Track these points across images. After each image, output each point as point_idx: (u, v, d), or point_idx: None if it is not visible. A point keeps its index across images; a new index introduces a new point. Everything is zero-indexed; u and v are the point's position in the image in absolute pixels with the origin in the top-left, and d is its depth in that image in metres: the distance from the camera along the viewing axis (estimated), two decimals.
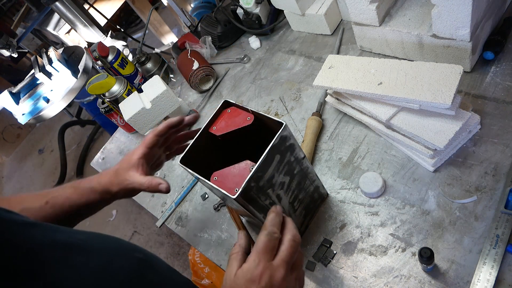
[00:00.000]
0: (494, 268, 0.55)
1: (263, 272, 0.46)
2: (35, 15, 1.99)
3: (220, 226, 0.85)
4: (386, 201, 0.71)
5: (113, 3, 2.70)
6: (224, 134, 0.61)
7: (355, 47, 0.97)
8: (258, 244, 0.48)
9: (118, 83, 1.10)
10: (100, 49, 1.19)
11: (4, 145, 3.84)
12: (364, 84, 0.72)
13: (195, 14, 1.52)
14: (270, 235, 0.48)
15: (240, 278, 0.46)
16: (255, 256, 0.47)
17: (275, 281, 0.46)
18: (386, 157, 0.76)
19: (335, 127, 0.87)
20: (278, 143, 0.55)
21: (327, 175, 0.80)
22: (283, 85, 1.04)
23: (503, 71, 0.74)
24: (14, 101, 1.48)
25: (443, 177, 0.68)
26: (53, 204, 0.63)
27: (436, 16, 0.69)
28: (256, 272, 0.46)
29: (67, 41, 2.35)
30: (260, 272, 0.46)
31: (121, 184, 0.65)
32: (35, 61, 1.43)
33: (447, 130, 0.64)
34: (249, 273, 0.46)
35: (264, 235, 0.48)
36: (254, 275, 0.46)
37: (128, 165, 0.66)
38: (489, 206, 0.62)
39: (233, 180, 0.54)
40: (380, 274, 0.64)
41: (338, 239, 0.71)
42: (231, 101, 0.63)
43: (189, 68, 1.14)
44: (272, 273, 0.46)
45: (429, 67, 0.67)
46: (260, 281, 0.45)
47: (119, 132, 1.31)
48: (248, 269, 0.46)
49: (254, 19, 1.14)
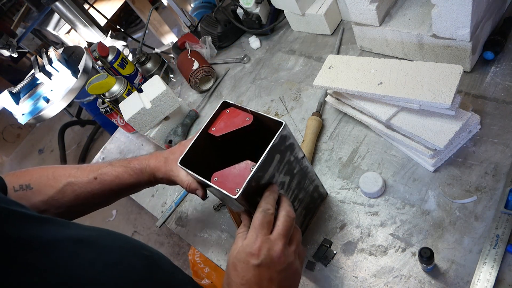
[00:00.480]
0: (494, 268, 0.55)
1: (261, 246, 0.48)
2: (35, 15, 1.99)
3: (220, 226, 0.85)
4: (386, 201, 0.71)
5: (113, 3, 2.70)
6: (224, 134, 0.61)
7: (355, 47, 0.97)
8: (254, 221, 0.50)
9: (118, 83, 1.10)
10: (100, 49, 1.19)
11: (4, 145, 3.84)
12: (364, 84, 0.72)
13: (195, 14, 1.52)
14: (264, 211, 0.51)
15: (241, 252, 0.49)
16: (252, 232, 0.49)
17: (273, 253, 0.48)
18: (386, 157, 0.76)
19: (335, 127, 0.87)
20: (278, 142, 0.55)
21: (327, 175, 0.80)
22: (283, 85, 1.04)
23: (503, 71, 0.74)
24: (14, 101, 1.48)
25: (443, 177, 0.68)
26: (102, 180, 0.66)
27: (436, 16, 0.69)
28: (255, 246, 0.48)
29: (67, 41, 2.34)
30: (259, 245, 0.48)
31: (167, 173, 0.67)
32: (35, 61, 1.43)
33: (447, 130, 0.64)
34: (248, 247, 0.48)
35: (259, 212, 0.51)
36: (253, 248, 0.48)
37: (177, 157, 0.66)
38: (489, 206, 0.62)
39: (234, 181, 0.54)
40: (380, 274, 0.64)
41: (338, 239, 0.71)
42: (230, 101, 0.63)
43: (189, 68, 1.14)
44: (270, 245, 0.48)
45: (429, 67, 0.67)
46: (259, 254, 0.48)
47: (119, 132, 1.31)
48: (248, 244, 0.49)
49: (254, 19, 1.14)
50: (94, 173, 0.66)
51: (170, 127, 1.10)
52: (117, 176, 0.67)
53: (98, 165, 0.69)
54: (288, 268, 0.50)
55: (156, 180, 0.69)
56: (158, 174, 0.68)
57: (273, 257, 0.48)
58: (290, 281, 0.51)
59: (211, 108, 1.14)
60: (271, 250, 0.48)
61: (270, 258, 0.48)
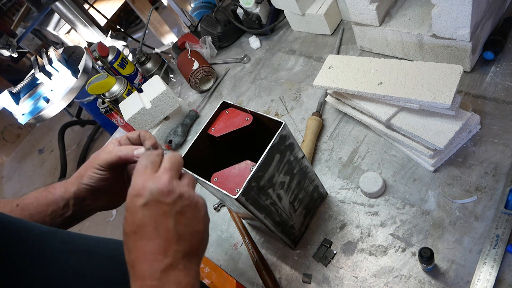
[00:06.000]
0: (494, 268, 0.55)
1: (144, 184, 0.43)
2: (35, 15, 1.99)
3: (220, 226, 0.85)
4: (386, 201, 0.71)
5: (113, 3, 2.70)
6: (223, 135, 0.61)
7: (355, 47, 0.97)
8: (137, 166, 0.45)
9: (118, 83, 1.10)
10: (100, 49, 1.19)
11: (4, 145, 3.84)
12: (364, 84, 0.72)
13: (195, 14, 1.52)
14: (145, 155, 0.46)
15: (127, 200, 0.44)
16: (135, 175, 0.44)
17: (159, 185, 0.43)
18: (386, 157, 0.76)
19: (335, 127, 0.87)
20: (277, 142, 0.55)
21: (327, 175, 0.80)
22: (283, 85, 1.04)
23: (503, 71, 0.74)
24: (14, 101, 1.48)
25: (443, 177, 0.68)
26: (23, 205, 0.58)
27: (436, 16, 0.69)
28: (138, 186, 0.43)
29: (67, 41, 2.35)
30: (142, 184, 0.43)
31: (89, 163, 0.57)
32: (35, 61, 1.43)
33: (447, 130, 0.64)
34: (132, 190, 0.43)
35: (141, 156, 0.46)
36: (136, 189, 0.43)
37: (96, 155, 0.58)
38: (489, 206, 0.62)
39: (234, 181, 0.54)
40: (380, 274, 0.64)
41: (338, 239, 0.71)
42: (230, 102, 0.63)
43: (189, 68, 1.14)
44: (156, 180, 0.43)
45: (429, 67, 0.67)
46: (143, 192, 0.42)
47: (119, 132, 1.31)
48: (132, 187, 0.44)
49: (254, 19, 1.14)
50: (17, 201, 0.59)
51: (170, 127, 1.11)
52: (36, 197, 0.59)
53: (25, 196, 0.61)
54: (182, 198, 0.44)
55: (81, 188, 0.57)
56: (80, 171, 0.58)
57: (160, 189, 0.42)
58: (190, 214, 0.45)
59: (211, 108, 1.14)
60: (156, 184, 0.43)
61: (157, 191, 0.42)
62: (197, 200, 0.47)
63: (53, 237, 0.47)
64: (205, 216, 0.48)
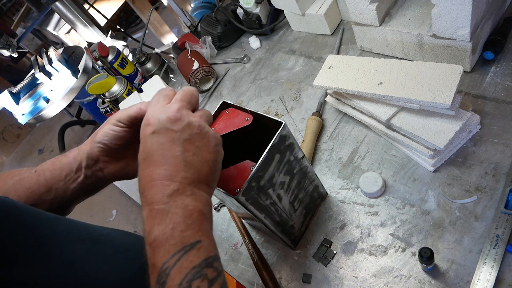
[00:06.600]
0: (494, 268, 0.55)
1: (154, 114, 0.44)
2: (35, 15, 1.99)
3: (220, 226, 0.85)
4: (386, 201, 0.71)
5: (113, 3, 2.70)
6: (223, 135, 0.61)
7: (355, 47, 0.97)
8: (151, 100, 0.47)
9: (118, 83, 1.10)
10: (100, 49, 1.19)
11: (4, 145, 3.84)
12: (364, 84, 0.72)
13: (195, 14, 1.52)
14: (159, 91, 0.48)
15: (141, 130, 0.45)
16: (149, 108, 0.46)
17: (168, 113, 0.44)
18: (386, 157, 0.76)
19: (335, 127, 0.87)
20: (277, 142, 0.55)
21: (327, 175, 0.80)
22: (283, 85, 1.04)
23: (503, 71, 0.74)
24: (14, 101, 1.48)
25: (443, 177, 0.68)
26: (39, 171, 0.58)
27: (436, 16, 0.69)
28: (149, 116, 0.44)
29: (67, 41, 2.35)
30: (152, 114, 0.44)
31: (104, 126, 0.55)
32: (35, 61, 1.43)
33: (447, 130, 0.64)
34: (144, 120, 0.45)
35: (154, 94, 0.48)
36: (147, 119, 0.44)
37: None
38: (489, 206, 0.62)
39: (234, 181, 0.54)
40: (380, 274, 0.64)
41: (338, 239, 0.71)
42: (230, 102, 0.63)
43: (189, 68, 1.14)
44: (165, 109, 0.45)
45: (429, 67, 0.67)
46: (153, 121, 0.44)
47: None
48: (144, 118, 0.45)
49: (254, 19, 1.14)
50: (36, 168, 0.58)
51: None
52: (53, 162, 0.58)
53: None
54: (191, 127, 0.45)
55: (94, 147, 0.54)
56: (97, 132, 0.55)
57: (168, 117, 0.44)
58: (200, 142, 0.45)
59: (211, 108, 1.14)
60: (165, 113, 0.44)
61: (165, 119, 0.43)
62: (207, 131, 0.47)
63: (57, 224, 0.47)
64: (216, 147, 0.47)
